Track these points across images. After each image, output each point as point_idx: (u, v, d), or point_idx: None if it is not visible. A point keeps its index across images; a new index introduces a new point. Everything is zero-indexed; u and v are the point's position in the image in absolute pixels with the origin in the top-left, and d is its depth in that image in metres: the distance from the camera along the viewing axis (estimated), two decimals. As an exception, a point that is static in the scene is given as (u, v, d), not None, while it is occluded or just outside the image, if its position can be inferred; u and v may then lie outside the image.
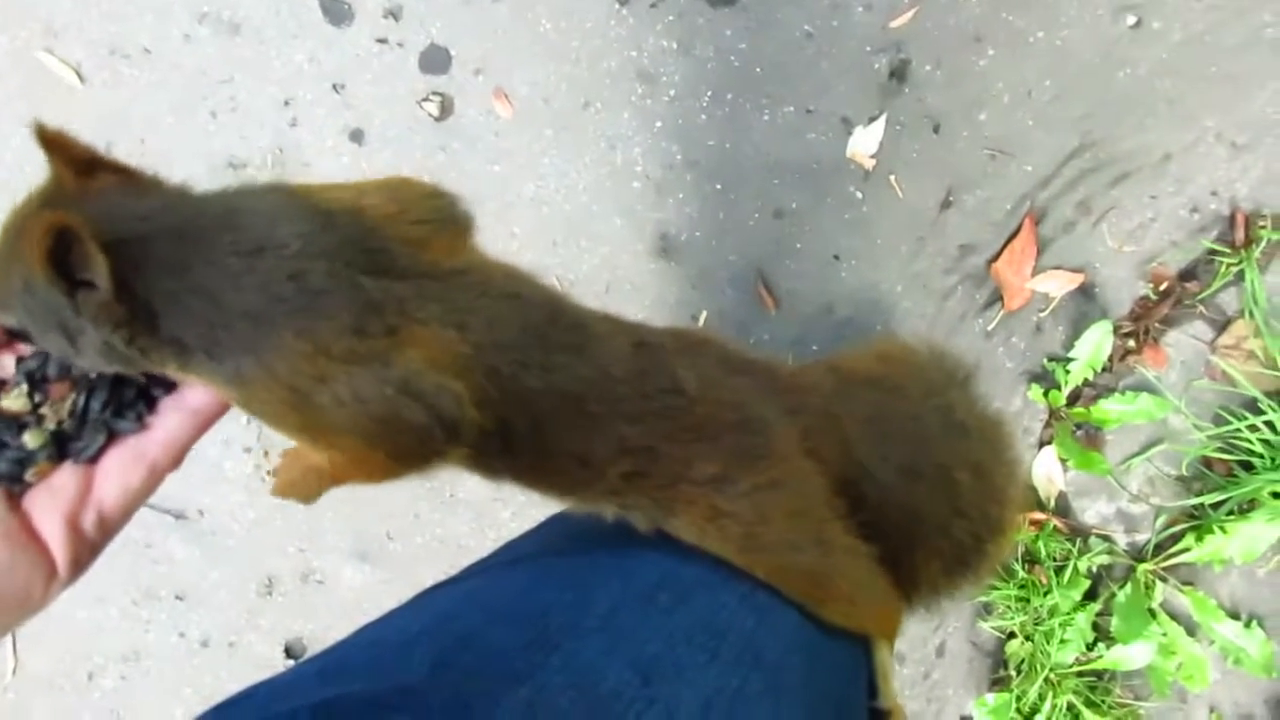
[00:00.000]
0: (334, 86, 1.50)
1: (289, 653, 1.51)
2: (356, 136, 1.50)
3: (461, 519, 1.50)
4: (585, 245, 1.47)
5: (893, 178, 1.45)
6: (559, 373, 0.66)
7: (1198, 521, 1.36)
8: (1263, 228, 1.40)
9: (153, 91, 1.52)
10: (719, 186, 1.46)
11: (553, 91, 1.48)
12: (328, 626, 1.49)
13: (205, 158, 1.51)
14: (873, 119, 1.44)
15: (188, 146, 1.51)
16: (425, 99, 1.49)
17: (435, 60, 1.50)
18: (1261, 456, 1.35)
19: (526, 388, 0.65)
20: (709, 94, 1.46)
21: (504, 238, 1.47)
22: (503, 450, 0.66)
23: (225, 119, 1.51)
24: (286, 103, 1.51)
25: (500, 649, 0.58)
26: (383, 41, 1.50)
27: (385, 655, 0.61)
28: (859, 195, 1.45)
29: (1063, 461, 1.39)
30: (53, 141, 0.56)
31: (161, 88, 1.52)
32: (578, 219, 1.48)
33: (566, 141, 1.48)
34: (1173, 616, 1.35)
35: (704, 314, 1.45)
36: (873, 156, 1.45)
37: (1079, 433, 1.41)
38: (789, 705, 0.63)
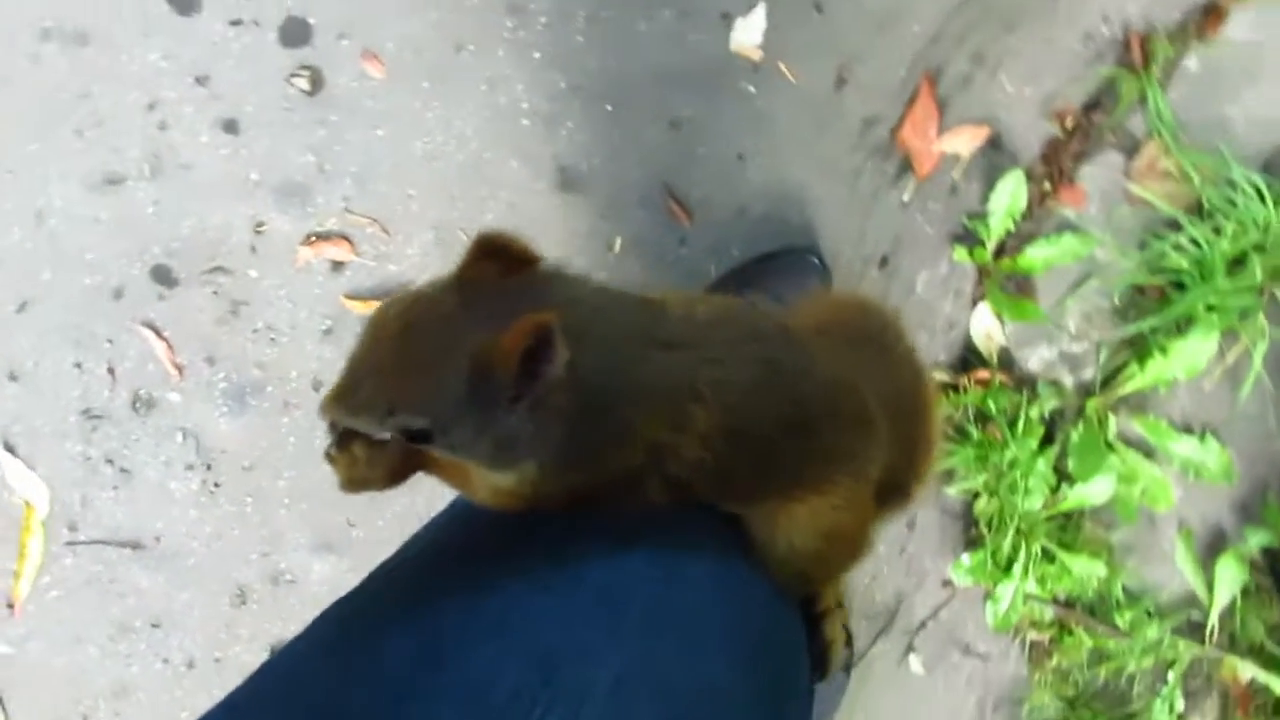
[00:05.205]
0: (197, 80, 1.44)
1: (276, 657, 1.50)
2: (230, 127, 1.44)
3: (420, 492, 1.48)
4: (485, 193, 1.43)
5: (782, 65, 1.41)
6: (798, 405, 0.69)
7: (1139, 348, 1.37)
8: (1158, 44, 1.38)
9: (11, 122, 1.45)
10: (609, 108, 1.42)
11: (422, 42, 1.42)
12: (307, 624, 1.47)
13: (80, 179, 1.45)
14: (751, 8, 1.40)
15: (59, 170, 1.45)
16: (294, 75, 1.43)
17: (295, 32, 1.44)
18: (1190, 273, 1.35)
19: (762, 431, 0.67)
20: (582, 14, 1.41)
21: (402, 200, 1.43)
22: (718, 480, 0.67)
23: (91, 135, 1.45)
24: (151, 106, 1.44)
25: (394, 665, 0.58)
26: (237, 23, 1.43)
27: (293, 685, 0.63)
28: (752, 90, 1.42)
29: (998, 316, 1.39)
30: (498, 250, 0.59)
31: (18, 116, 1.45)
32: (472, 168, 1.43)
33: (446, 91, 1.43)
34: (1129, 445, 1.36)
35: (619, 240, 1.43)
36: (759, 48, 1.41)
37: (1010, 285, 1.40)
38: (709, 657, 0.61)
